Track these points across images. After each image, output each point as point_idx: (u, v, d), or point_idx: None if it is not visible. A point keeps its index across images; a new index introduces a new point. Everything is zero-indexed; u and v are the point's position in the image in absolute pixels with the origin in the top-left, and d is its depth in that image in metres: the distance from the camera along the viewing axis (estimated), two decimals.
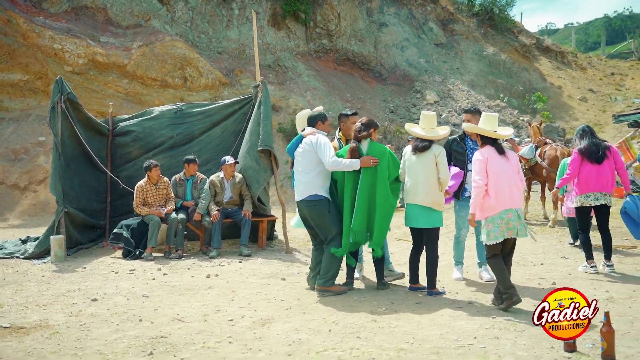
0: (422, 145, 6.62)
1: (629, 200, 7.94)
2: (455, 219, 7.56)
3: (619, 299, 6.43)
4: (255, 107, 10.09)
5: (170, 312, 6.04)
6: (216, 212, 9.53)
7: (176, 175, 10.10)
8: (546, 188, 12.67)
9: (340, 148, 7.00)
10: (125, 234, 9.35)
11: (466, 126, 6.82)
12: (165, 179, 9.83)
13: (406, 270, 7.06)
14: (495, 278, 6.31)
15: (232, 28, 22.54)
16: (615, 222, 12.17)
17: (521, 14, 66.89)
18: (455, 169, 7.06)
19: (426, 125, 6.79)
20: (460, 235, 7.46)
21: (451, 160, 7.23)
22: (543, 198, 13.08)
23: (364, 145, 6.54)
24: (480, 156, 6.07)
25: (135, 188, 9.60)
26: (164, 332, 5.33)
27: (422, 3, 27.43)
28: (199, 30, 22.06)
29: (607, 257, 7.97)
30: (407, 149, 6.79)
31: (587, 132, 7.91)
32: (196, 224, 9.97)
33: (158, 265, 8.68)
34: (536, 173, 12.77)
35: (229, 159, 9.78)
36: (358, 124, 6.67)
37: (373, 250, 6.67)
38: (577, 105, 26.63)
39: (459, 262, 7.60)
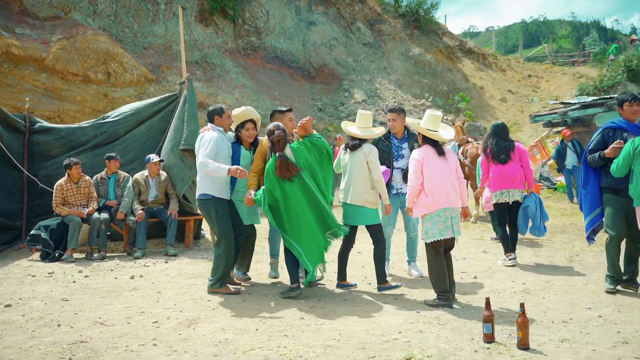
0: (353, 144, 6.61)
1: (530, 199, 8.33)
2: (382, 216, 7.33)
3: (534, 290, 6.61)
4: (180, 104, 9.80)
5: (92, 315, 5.76)
6: (141, 211, 9.22)
7: (97, 174, 9.71)
8: (468, 185, 12.92)
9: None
10: (44, 235, 8.91)
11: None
12: (87, 177, 9.43)
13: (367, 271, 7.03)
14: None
15: (158, 23, 22.04)
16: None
17: (445, 16, 68.25)
18: (382, 168, 7.03)
19: (362, 124, 6.74)
20: (386, 231, 7.30)
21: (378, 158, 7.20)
22: None
23: (289, 153, 6.23)
24: (417, 156, 6.05)
25: (55, 187, 9.15)
26: (84, 336, 5.07)
27: (350, 3, 27.57)
28: (124, 25, 21.46)
29: (513, 249, 8.34)
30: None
31: (494, 133, 8.19)
32: (120, 223, 9.63)
33: (79, 267, 8.30)
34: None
35: (154, 157, 9.47)
36: (271, 138, 6.26)
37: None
38: (498, 105, 27.39)
39: (412, 259, 7.57)
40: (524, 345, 4.49)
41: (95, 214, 9.15)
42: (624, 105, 6.36)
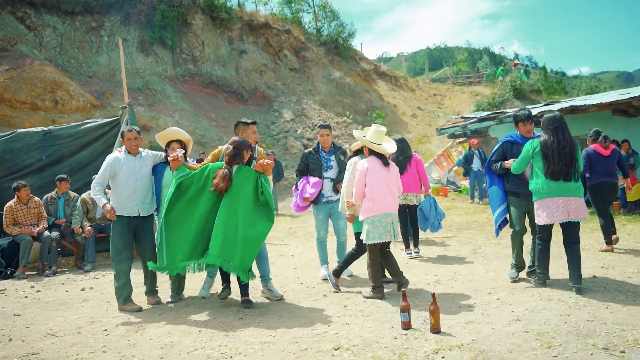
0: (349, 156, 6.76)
1: (425, 200, 8.69)
2: (315, 222, 7.35)
3: (444, 280, 6.79)
4: (122, 127, 9.53)
5: (43, 328, 5.52)
6: (89, 227, 8.93)
7: (48, 194, 9.35)
8: None
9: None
10: None
11: (358, 135, 6.37)
12: (37, 198, 9.06)
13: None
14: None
15: (102, 54, 21.53)
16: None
17: (361, 44, 69.62)
18: (314, 179, 7.01)
19: (379, 139, 6.23)
20: (320, 236, 7.30)
21: (309, 171, 7.18)
22: None
23: (234, 170, 5.76)
24: (361, 167, 6.01)
25: (5, 209, 8.76)
26: (35, 348, 4.84)
27: (277, 33, 27.60)
28: (69, 56, 20.86)
29: (415, 244, 8.76)
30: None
31: (397, 147, 8.06)
32: (70, 240, 9.28)
33: (31, 282, 7.96)
34: None
35: None
36: (231, 149, 5.79)
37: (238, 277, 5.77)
38: (409, 120, 27.94)
39: (324, 261, 7.28)
40: (435, 329, 4.60)
41: (46, 232, 8.80)
42: (519, 124, 6.49)
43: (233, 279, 6.07)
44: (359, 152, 6.59)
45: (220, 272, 6.12)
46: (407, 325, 4.72)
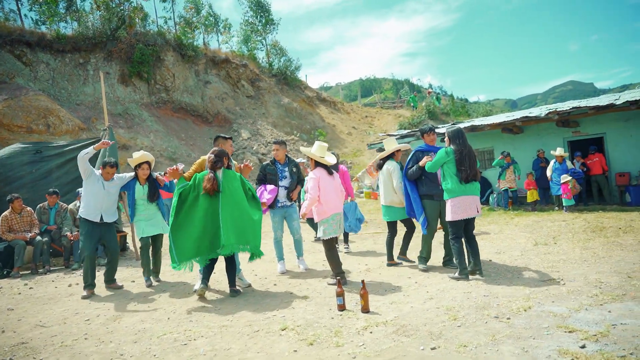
0: (379, 164, 7.40)
1: (347, 204, 8.33)
2: (271, 224, 7.15)
3: (373, 268, 6.80)
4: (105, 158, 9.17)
5: (33, 320, 5.23)
6: (76, 232, 8.57)
7: (41, 204, 8.90)
8: None
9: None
10: None
11: (304, 150, 6.32)
12: (29, 208, 8.62)
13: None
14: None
15: (88, 85, 20.87)
16: (372, 215, 12.96)
17: (306, 75, 69.76)
18: (270, 186, 6.92)
19: (322, 153, 6.18)
20: (277, 236, 7.13)
21: (266, 180, 7.06)
22: None
23: (220, 174, 5.57)
24: (314, 175, 5.93)
25: (0, 218, 8.31)
26: (25, 338, 4.59)
27: (236, 67, 27.36)
28: (60, 87, 20.12)
29: (345, 241, 8.76)
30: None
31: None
32: (60, 244, 8.85)
33: (25, 281, 7.56)
34: None
35: (82, 191, 8.78)
36: (212, 156, 5.60)
37: (251, 255, 5.59)
38: (346, 137, 28.16)
39: (280, 257, 7.10)
40: (365, 309, 4.59)
41: (38, 237, 8.40)
42: (424, 135, 6.64)
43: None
44: (388, 158, 7.15)
45: (204, 270, 5.71)
46: (342, 308, 4.70)
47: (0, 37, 19.04)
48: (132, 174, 6.85)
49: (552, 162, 12.30)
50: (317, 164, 6.10)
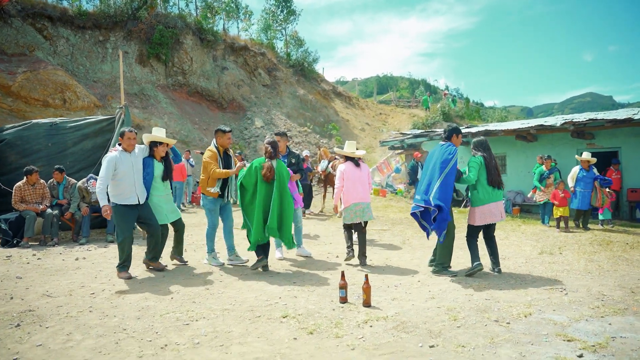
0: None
1: None
2: None
3: (377, 264, 6.84)
4: (118, 125, 9.21)
5: (41, 289, 5.35)
6: (85, 207, 8.70)
7: (51, 180, 9.01)
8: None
9: (219, 156, 6.49)
10: (3, 226, 8.17)
11: (338, 151, 7.30)
12: (42, 181, 8.75)
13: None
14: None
15: (106, 62, 20.95)
16: (379, 212, 12.99)
17: (323, 68, 69.96)
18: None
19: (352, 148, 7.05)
20: None
21: None
22: (330, 197, 13.53)
23: (274, 163, 6.13)
24: (341, 168, 6.82)
25: (14, 188, 8.44)
26: (32, 306, 4.70)
27: (254, 55, 27.36)
28: (78, 63, 20.24)
29: None
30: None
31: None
32: (70, 216, 8.97)
33: (33, 251, 7.69)
34: (330, 179, 13.23)
35: (94, 178, 8.81)
36: (269, 147, 6.14)
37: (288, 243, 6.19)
38: (359, 133, 28.11)
39: (278, 245, 7.22)
40: (367, 304, 4.66)
41: (49, 210, 8.54)
42: (458, 136, 6.19)
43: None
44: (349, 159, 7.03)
45: (259, 247, 6.22)
46: (344, 300, 4.76)
47: (23, 9, 19.17)
48: (147, 148, 6.35)
49: (575, 169, 10.69)
50: (347, 158, 6.92)
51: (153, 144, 6.33)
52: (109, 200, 5.81)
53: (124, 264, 5.99)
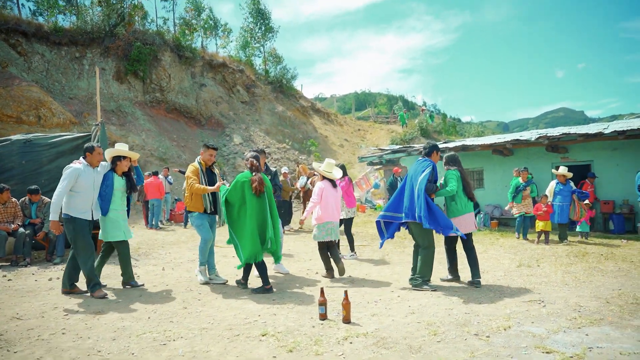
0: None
1: None
2: None
3: (357, 280, 6.81)
4: (94, 142, 8.93)
5: (10, 312, 5.15)
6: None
7: (23, 198, 8.78)
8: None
9: (201, 171, 6.44)
10: None
11: (315, 166, 7.38)
12: (14, 199, 8.54)
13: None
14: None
15: (82, 79, 20.74)
16: (358, 228, 12.98)
17: (301, 85, 70.05)
18: None
19: (330, 168, 7.23)
20: None
21: None
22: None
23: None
24: (321, 185, 6.99)
25: None
26: (0, 330, 4.53)
27: (232, 71, 27.40)
28: (54, 79, 20.00)
29: (351, 249, 8.95)
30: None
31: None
32: (43, 236, 8.75)
33: (4, 272, 7.45)
34: (309, 196, 13.22)
35: None
36: (254, 161, 6.00)
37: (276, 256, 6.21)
38: (338, 149, 28.24)
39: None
40: (346, 320, 4.60)
41: (21, 229, 8.31)
42: (438, 153, 6.33)
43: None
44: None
45: (261, 275, 6.06)
46: (323, 317, 4.71)
47: None
48: (109, 164, 6.30)
49: (552, 183, 10.93)
50: (325, 177, 7.11)
51: (117, 158, 6.29)
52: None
53: (95, 282, 5.86)
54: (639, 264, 7.62)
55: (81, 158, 6.03)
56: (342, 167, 8.76)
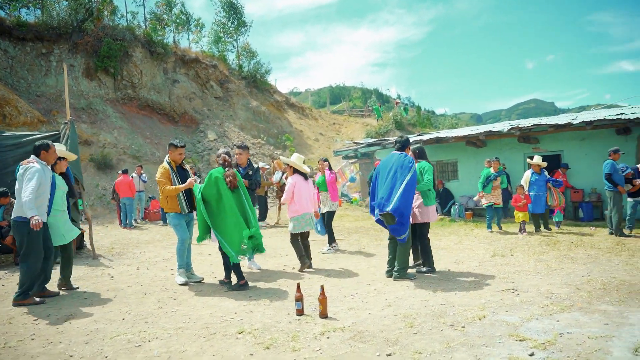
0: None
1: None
2: None
3: (333, 274, 6.80)
4: (63, 141, 8.74)
5: None
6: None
7: None
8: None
9: (172, 171, 6.30)
10: None
11: (284, 160, 7.50)
12: None
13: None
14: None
15: (50, 76, 20.21)
16: (335, 222, 13.02)
17: (275, 79, 69.71)
18: None
19: (299, 161, 7.37)
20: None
21: None
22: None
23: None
24: (291, 180, 7.17)
25: None
26: None
27: (205, 67, 27.08)
28: (19, 76, 19.43)
29: (330, 242, 8.99)
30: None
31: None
32: (12, 240, 8.51)
33: None
34: (283, 190, 13.17)
35: None
36: (226, 157, 6.03)
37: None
38: (313, 143, 28.22)
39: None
40: (323, 315, 4.61)
41: None
42: (410, 147, 6.60)
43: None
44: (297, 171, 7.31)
45: (235, 271, 6.01)
46: (300, 312, 4.70)
47: None
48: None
49: (527, 173, 10.98)
50: (295, 171, 7.24)
51: (57, 159, 6.15)
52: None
53: (30, 289, 5.58)
54: (606, 251, 7.83)
55: (32, 157, 5.61)
56: (310, 168, 8.83)
